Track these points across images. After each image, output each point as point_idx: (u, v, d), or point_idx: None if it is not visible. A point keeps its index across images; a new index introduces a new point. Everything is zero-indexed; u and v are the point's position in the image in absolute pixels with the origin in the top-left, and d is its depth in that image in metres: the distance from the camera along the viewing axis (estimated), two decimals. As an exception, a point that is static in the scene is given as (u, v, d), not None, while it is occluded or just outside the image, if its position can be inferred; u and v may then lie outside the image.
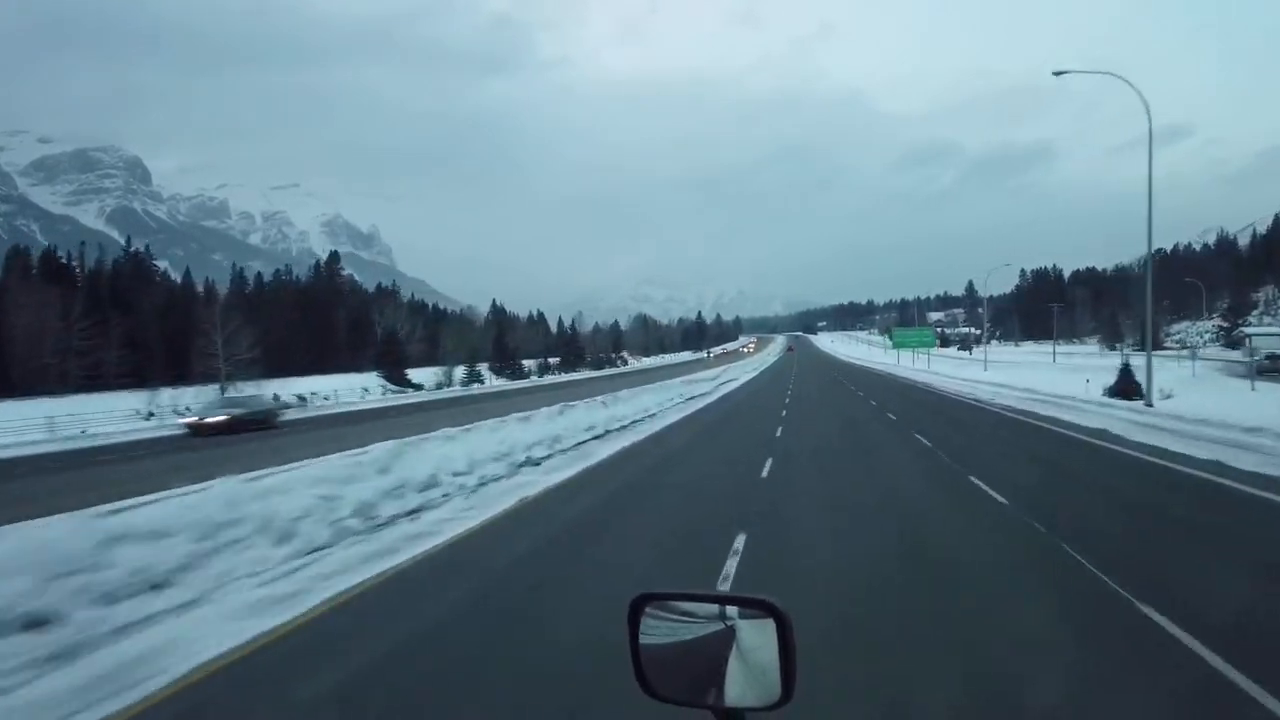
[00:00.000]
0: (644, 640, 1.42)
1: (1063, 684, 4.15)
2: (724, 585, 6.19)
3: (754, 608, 1.38)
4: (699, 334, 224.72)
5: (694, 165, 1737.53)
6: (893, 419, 23.04)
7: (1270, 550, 7.17)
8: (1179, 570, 6.48)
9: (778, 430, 19.95)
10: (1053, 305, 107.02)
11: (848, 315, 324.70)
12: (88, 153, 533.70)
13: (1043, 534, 7.60)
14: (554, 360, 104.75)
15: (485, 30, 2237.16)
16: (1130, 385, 29.90)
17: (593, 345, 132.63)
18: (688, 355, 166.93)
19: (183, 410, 34.86)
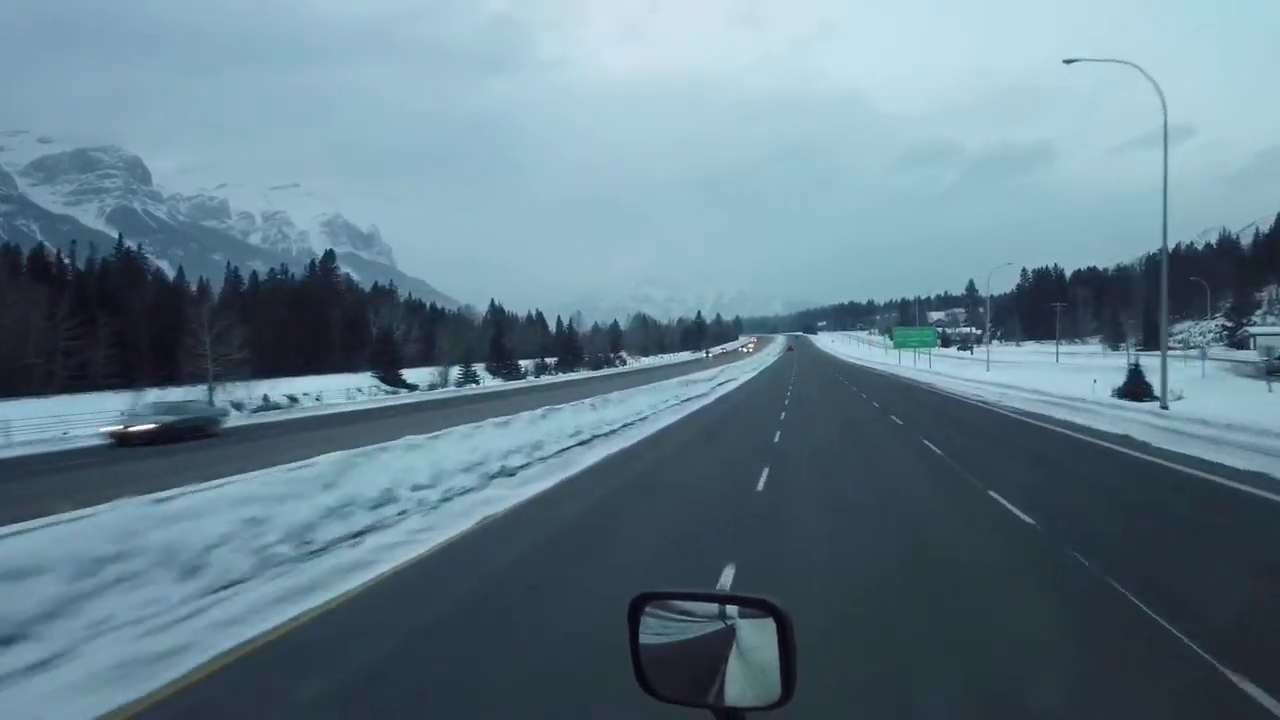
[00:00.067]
0: (644, 640, 1.40)
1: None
2: None
3: (754, 607, 1.37)
4: (698, 334, 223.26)
5: (694, 165, 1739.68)
6: (897, 423, 21.94)
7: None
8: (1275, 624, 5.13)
9: (776, 435, 18.78)
10: (1054, 305, 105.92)
11: (848, 315, 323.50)
12: (88, 153, 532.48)
13: (1089, 570, 6.36)
14: (551, 360, 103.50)
15: (485, 30, 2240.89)
16: (1140, 386, 28.96)
17: (591, 345, 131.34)
18: (687, 355, 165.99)
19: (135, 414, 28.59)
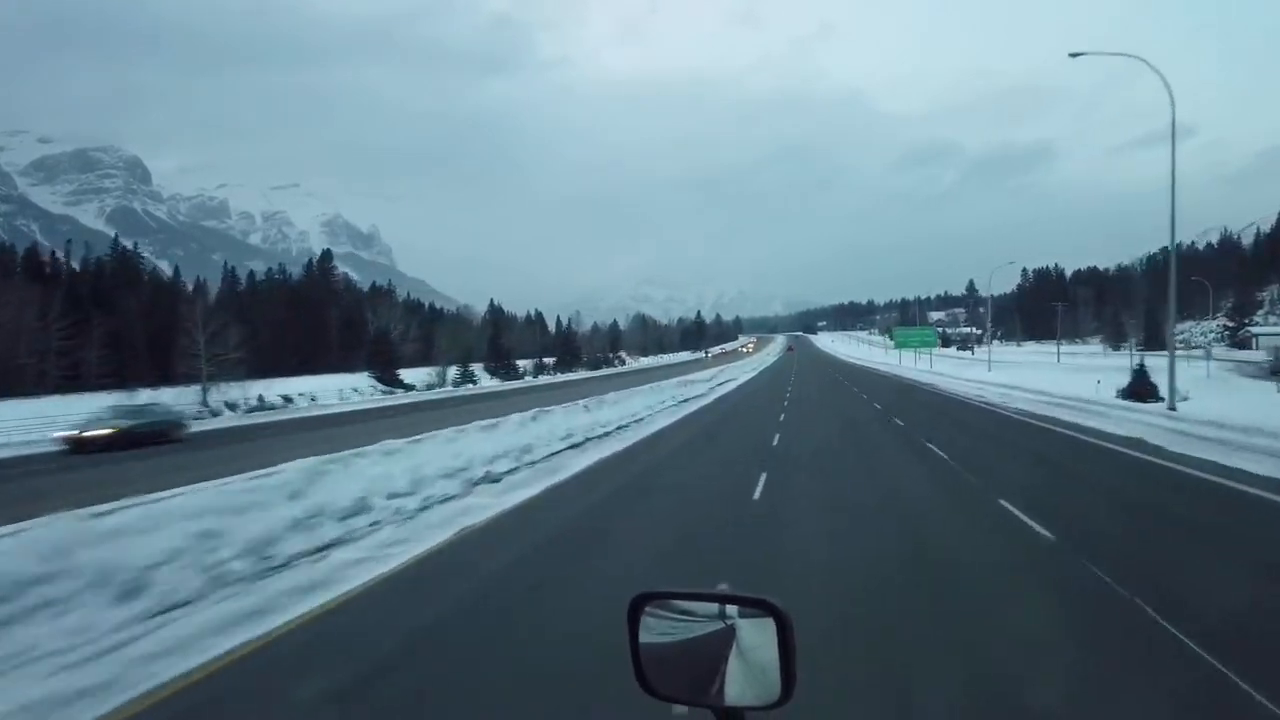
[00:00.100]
0: (644, 639, 1.39)
1: None
2: None
3: (754, 607, 1.36)
4: (698, 334, 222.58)
5: (694, 165, 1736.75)
6: (899, 424, 21.39)
7: None
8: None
9: (775, 438, 18.21)
10: (1055, 305, 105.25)
11: (848, 315, 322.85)
12: (88, 153, 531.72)
13: (1115, 591, 5.78)
14: (550, 360, 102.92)
15: (485, 30, 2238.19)
16: (1145, 387, 28.46)
17: (590, 345, 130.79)
18: (686, 355, 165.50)
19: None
